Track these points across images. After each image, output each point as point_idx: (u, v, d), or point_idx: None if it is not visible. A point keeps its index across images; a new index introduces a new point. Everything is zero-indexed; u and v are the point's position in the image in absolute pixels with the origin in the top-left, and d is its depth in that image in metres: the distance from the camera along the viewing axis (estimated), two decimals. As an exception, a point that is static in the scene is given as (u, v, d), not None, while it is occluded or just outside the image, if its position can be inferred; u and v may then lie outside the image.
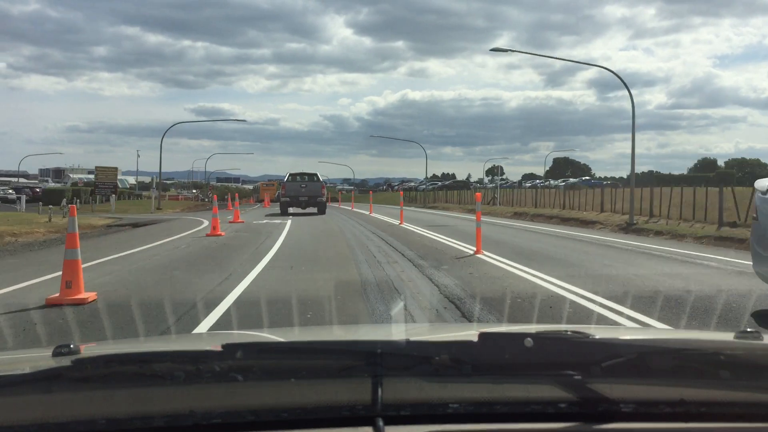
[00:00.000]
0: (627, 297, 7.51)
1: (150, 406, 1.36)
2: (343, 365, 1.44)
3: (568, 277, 9.28)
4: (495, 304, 7.34)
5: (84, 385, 1.37)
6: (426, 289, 8.28)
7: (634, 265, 11.24)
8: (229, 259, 11.84)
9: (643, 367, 1.46)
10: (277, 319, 6.36)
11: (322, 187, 31.17)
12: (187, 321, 6.31)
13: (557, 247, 14.82)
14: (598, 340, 1.60)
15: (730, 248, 15.04)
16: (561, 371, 1.45)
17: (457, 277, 9.44)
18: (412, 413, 1.40)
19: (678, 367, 1.49)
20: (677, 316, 6.60)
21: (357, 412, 1.39)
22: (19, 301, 7.36)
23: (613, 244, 16.09)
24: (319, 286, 8.47)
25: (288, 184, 31.20)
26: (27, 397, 1.35)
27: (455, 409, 1.41)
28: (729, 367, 1.47)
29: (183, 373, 1.38)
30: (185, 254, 12.97)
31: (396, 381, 1.42)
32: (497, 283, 8.92)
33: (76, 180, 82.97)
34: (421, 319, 6.51)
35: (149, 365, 1.42)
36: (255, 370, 1.42)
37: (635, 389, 1.45)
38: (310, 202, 30.49)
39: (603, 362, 1.44)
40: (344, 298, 7.58)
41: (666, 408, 1.43)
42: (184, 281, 9.14)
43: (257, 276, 9.59)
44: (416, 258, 11.96)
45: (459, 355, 1.45)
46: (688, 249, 14.81)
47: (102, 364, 1.43)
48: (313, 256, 12.47)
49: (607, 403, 1.43)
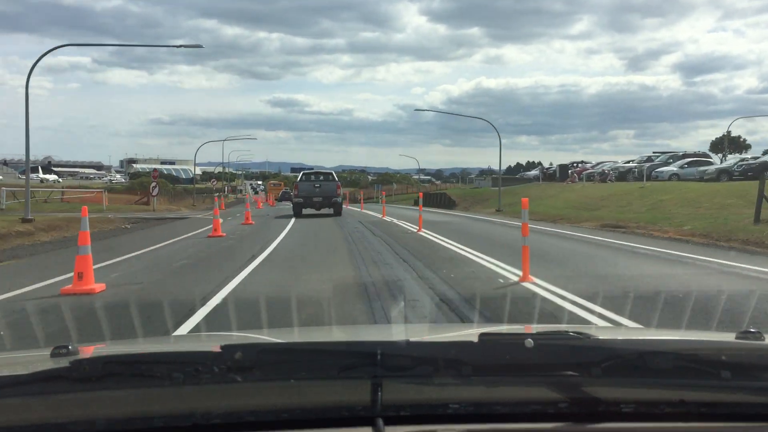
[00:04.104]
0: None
1: (149, 407, 1.36)
2: (343, 366, 1.43)
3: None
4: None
5: (82, 385, 1.37)
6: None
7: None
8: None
9: (643, 367, 1.45)
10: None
11: (338, 187, 28.81)
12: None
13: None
14: (598, 340, 1.59)
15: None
16: (561, 372, 1.44)
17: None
18: (411, 414, 1.40)
19: (678, 367, 1.47)
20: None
21: (357, 412, 1.39)
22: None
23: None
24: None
25: (301, 185, 28.82)
26: (25, 398, 1.35)
27: (455, 409, 1.41)
28: (730, 368, 1.46)
29: (182, 374, 1.37)
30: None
31: (396, 382, 1.42)
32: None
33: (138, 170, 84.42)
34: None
35: (148, 366, 1.42)
36: (254, 371, 1.42)
37: (635, 390, 1.45)
38: (325, 203, 28.29)
39: (603, 363, 1.44)
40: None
41: (666, 408, 1.43)
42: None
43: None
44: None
45: (459, 356, 1.44)
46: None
47: (100, 365, 1.43)
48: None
49: (607, 404, 1.42)
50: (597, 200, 29.06)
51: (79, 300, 7.44)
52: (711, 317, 6.05)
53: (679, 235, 15.89)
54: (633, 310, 6.28)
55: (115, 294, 7.84)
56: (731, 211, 18.77)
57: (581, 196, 32.07)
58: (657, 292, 7.36)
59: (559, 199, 33.03)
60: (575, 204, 29.52)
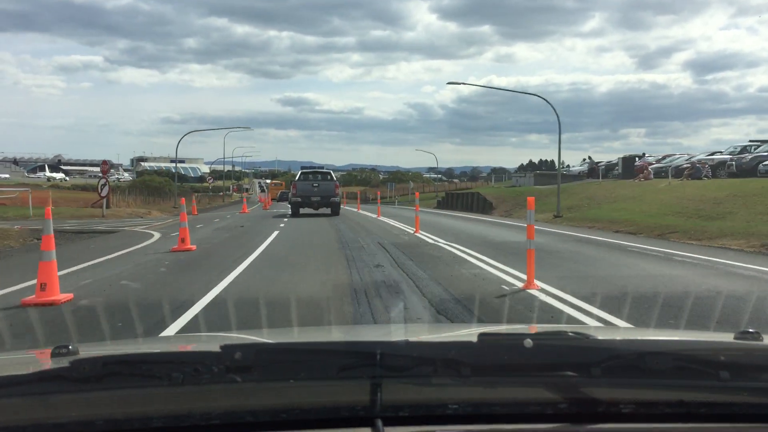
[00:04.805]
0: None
1: (148, 407, 1.37)
2: (342, 366, 1.43)
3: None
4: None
5: (82, 386, 1.36)
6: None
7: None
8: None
9: (642, 368, 1.45)
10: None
11: (336, 187, 28.68)
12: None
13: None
14: (597, 341, 1.58)
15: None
16: (560, 372, 1.44)
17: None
18: (411, 414, 1.41)
19: (678, 367, 1.47)
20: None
21: (356, 413, 1.39)
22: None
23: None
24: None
25: (299, 184, 28.57)
26: (25, 397, 1.35)
27: (454, 410, 1.42)
28: (729, 368, 1.46)
29: (181, 375, 1.37)
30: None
31: (395, 382, 1.42)
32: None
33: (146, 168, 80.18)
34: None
35: (147, 366, 1.42)
36: (253, 371, 1.41)
37: (635, 390, 1.45)
38: (323, 203, 28.16)
39: (603, 363, 1.44)
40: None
41: (666, 409, 1.44)
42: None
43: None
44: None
45: (458, 357, 1.44)
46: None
47: (100, 365, 1.41)
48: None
49: (606, 404, 1.43)
50: (710, 204, 21.45)
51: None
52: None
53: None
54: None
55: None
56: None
57: (678, 198, 24.10)
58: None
59: (644, 202, 25.24)
60: (677, 209, 21.98)
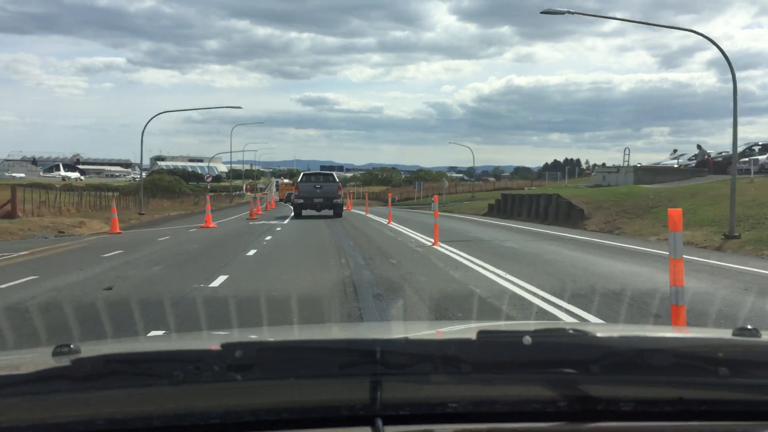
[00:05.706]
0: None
1: (149, 406, 1.37)
2: (342, 363, 1.43)
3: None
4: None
5: (83, 385, 1.37)
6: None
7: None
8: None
9: (642, 365, 1.45)
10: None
11: (339, 188, 28.88)
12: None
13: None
14: (596, 338, 1.58)
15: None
16: (560, 369, 1.44)
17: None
18: (411, 413, 1.41)
19: (677, 365, 1.46)
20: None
21: (356, 411, 1.39)
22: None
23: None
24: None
25: (302, 185, 28.91)
26: (27, 397, 1.36)
27: (454, 408, 1.41)
28: (728, 365, 1.45)
29: (182, 373, 1.37)
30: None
31: (395, 380, 1.42)
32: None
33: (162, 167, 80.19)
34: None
35: (148, 365, 1.43)
36: (254, 369, 1.41)
37: (634, 388, 1.45)
38: (326, 204, 28.32)
39: (601, 360, 1.44)
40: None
41: (665, 406, 1.43)
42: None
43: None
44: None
45: (458, 354, 1.44)
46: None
47: (101, 364, 1.42)
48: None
49: (606, 402, 1.42)
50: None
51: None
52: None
53: None
54: None
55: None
56: None
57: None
58: None
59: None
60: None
